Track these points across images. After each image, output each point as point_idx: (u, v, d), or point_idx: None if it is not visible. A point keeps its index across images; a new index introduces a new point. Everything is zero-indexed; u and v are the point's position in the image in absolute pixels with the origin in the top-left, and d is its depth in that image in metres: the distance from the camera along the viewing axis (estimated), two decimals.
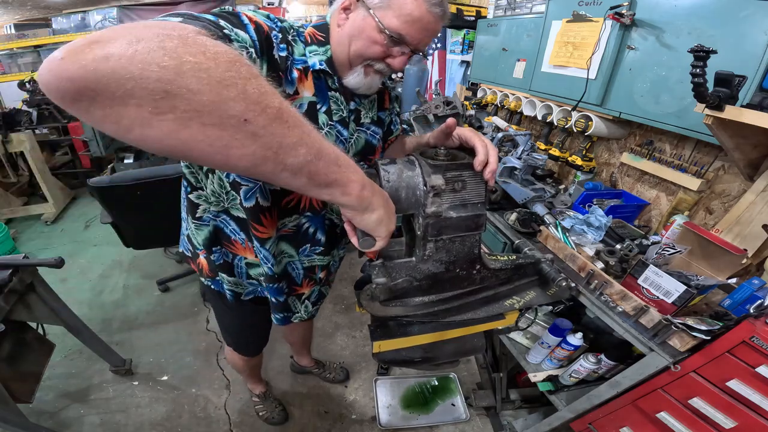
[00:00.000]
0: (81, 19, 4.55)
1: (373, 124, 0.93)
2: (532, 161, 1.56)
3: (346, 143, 0.86)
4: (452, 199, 0.67)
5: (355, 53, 0.74)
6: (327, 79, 0.79)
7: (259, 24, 0.66)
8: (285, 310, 1.08)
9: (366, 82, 0.78)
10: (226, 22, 0.60)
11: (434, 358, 0.92)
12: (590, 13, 1.47)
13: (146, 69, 0.33)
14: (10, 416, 1.30)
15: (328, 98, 0.79)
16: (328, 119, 0.80)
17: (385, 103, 0.98)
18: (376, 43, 0.72)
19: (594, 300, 1.14)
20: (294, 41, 0.73)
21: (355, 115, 0.87)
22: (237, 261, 0.99)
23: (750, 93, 1.03)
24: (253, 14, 0.68)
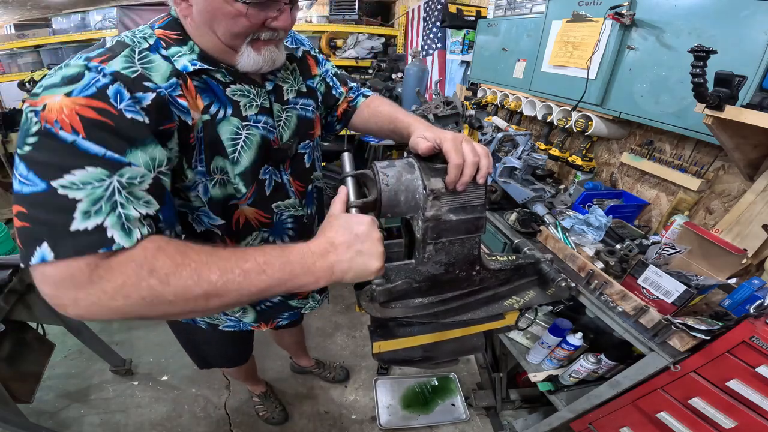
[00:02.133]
0: (81, 19, 4.55)
1: (301, 96, 0.83)
2: (532, 161, 1.56)
3: (275, 130, 0.77)
4: (452, 202, 0.67)
5: (226, 36, 0.61)
6: (215, 76, 0.66)
7: (94, 113, 0.48)
8: (288, 309, 1.06)
9: (264, 59, 0.66)
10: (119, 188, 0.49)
11: (434, 357, 0.92)
12: (590, 13, 1.47)
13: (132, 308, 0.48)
14: (10, 416, 1.30)
15: (227, 98, 0.67)
16: (240, 121, 0.69)
17: (312, 69, 0.89)
18: (239, 15, 0.58)
19: (594, 300, 1.14)
20: (149, 69, 0.56)
21: (276, 95, 0.77)
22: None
23: (750, 93, 1.03)
24: (72, 103, 0.47)
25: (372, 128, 0.99)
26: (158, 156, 0.55)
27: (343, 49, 4.30)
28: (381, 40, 4.44)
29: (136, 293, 0.46)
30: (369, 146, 2.83)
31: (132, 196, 0.51)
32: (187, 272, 0.48)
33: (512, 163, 1.60)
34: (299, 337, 1.79)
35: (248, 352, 1.38)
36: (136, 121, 0.52)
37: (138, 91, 0.53)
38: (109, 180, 0.48)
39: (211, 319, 0.98)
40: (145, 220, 0.51)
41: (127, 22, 4.32)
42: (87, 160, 0.47)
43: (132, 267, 0.47)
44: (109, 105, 0.50)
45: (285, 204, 0.84)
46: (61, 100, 0.47)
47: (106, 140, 0.49)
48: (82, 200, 0.46)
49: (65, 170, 0.46)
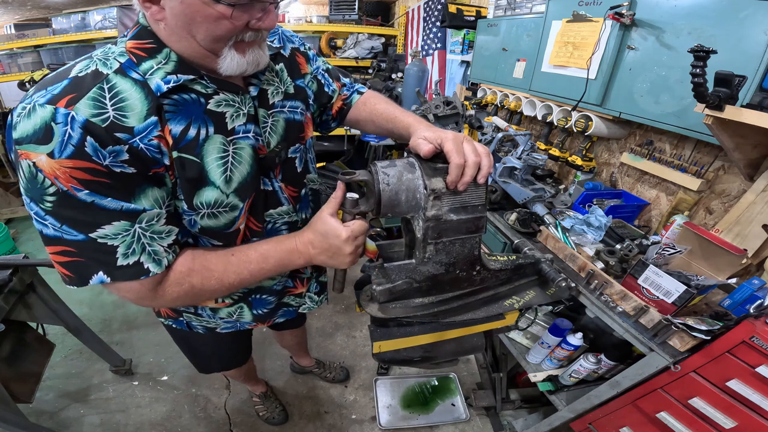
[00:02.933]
0: (81, 19, 4.55)
1: (288, 98, 0.78)
2: (532, 161, 1.56)
3: (261, 137, 0.72)
4: (452, 202, 0.67)
5: (206, 40, 0.56)
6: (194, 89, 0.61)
7: (85, 174, 0.50)
8: (284, 306, 1.06)
9: (248, 61, 0.61)
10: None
11: (434, 357, 0.92)
12: (590, 13, 1.47)
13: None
14: (10, 416, 1.30)
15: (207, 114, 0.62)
16: (225, 137, 0.64)
17: (302, 67, 0.83)
18: (221, 17, 0.53)
19: (594, 300, 1.14)
20: (121, 109, 0.53)
21: (260, 100, 0.72)
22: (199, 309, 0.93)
23: (750, 93, 1.03)
24: (59, 166, 0.49)
25: (368, 127, 0.97)
26: (159, 195, 0.60)
27: (343, 49, 4.30)
28: (381, 40, 4.44)
29: (185, 298, 0.68)
30: (369, 146, 2.83)
31: (155, 234, 0.60)
32: (214, 281, 0.68)
33: (512, 163, 1.60)
34: (301, 338, 1.79)
35: (247, 353, 1.39)
36: (126, 174, 0.54)
37: (111, 144, 0.51)
38: (133, 228, 0.57)
39: (208, 323, 0.98)
40: (170, 248, 0.63)
41: (127, 22, 4.31)
42: (110, 216, 0.55)
43: (178, 288, 0.66)
44: (95, 163, 0.51)
45: (278, 212, 0.81)
46: (48, 162, 0.49)
47: (114, 195, 0.54)
48: (119, 246, 0.57)
49: (97, 225, 0.54)
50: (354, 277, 1.33)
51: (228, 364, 1.35)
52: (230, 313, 0.95)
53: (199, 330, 1.01)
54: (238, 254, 0.69)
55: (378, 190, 0.63)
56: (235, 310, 0.95)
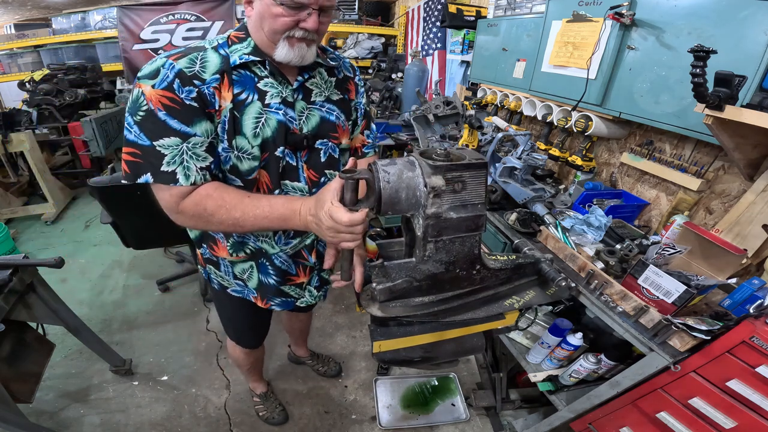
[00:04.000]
0: (81, 19, 4.55)
1: (329, 102, 0.97)
2: (532, 161, 1.56)
3: (295, 121, 0.90)
4: (452, 200, 0.67)
5: (270, 32, 0.80)
6: (253, 70, 0.85)
7: (168, 101, 0.76)
8: (283, 295, 1.12)
9: (295, 53, 0.82)
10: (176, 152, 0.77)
11: (434, 357, 0.92)
12: (590, 13, 1.47)
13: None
14: (10, 416, 1.30)
15: (256, 89, 0.85)
16: (261, 105, 0.86)
17: (351, 93, 1.04)
18: (280, 15, 0.77)
19: (594, 300, 1.14)
20: (203, 67, 0.79)
21: (303, 94, 0.92)
22: (221, 260, 1.08)
23: (750, 93, 1.03)
24: (155, 93, 0.75)
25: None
26: (209, 128, 0.81)
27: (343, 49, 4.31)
28: (381, 40, 4.44)
29: (198, 220, 0.83)
30: None
31: (195, 155, 0.80)
32: (223, 211, 0.80)
33: (512, 163, 1.60)
34: (306, 325, 1.86)
35: (259, 334, 1.43)
36: (193, 106, 0.78)
37: (188, 86, 0.77)
38: (182, 145, 0.78)
39: (222, 279, 1.12)
40: (201, 171, 0.81)
41: (127, 21, 4.32)
42: (171, 132, 0.77)
43: (194, 207, 0.81)
44: (176, 95, 0.76)
45: (293, 185, 0.95)
46: (150, 90, 0.75)
47: (180, 118, 0.77)
48: (167, 155, 0.77)
49: (160, 136, 0.76)
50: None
51: (239, 335, 1.40)
52: (243, 270, 1.07)
53: (215, 285, 1.15)
54: (253, 197, 0.82)
55: (378, 188, 0.63)
56: (248, 268, 1.07)
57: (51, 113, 3.73)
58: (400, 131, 2.87)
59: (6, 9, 4.46)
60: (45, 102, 3.67)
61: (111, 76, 4.66)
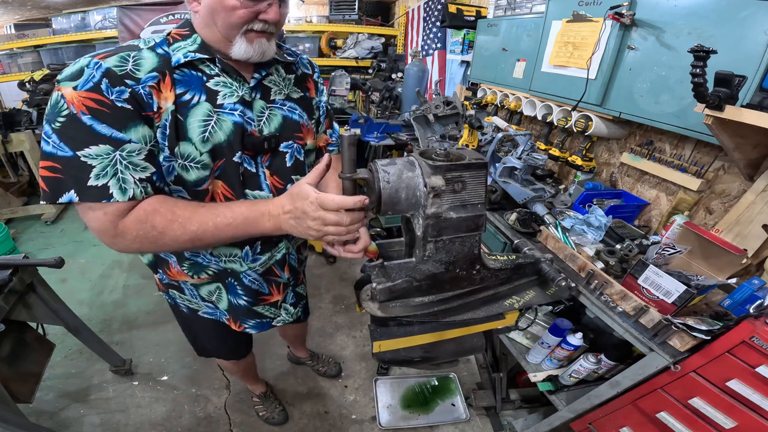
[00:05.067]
0: (81, 19, 4.55)
1: (290, 100, 0.90)
2: (532, 161, 1.56)
3: (254, 122, 0.82)
4: (452, 200, 0.67)
5: (224, 26, 0.72)
6: (201, 68, 0.77)
7: (94, 104, 0.65)
8: (256, 316, 1.05)
9: (255, 49, 0.75)
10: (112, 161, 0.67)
11: (434, 357, 0.92)
12: (590, 13, 1.47)
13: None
14: (10, 416, 1.30)
15: (205, 88, 0.76)
16: (211, 107, 0.76)
17: (310, 91, 0.98)
18: (236, 8, 0.69)
19: (594, 300, 1.14)
20: (136, 66, 0.69)
21: (261, 93, 0.84)
22: (182, 283, 0.99)
23: (750, 93, 1.03)
24: (78, 96, 0.64)
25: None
26: (147, 133, 0.71)
27: (343, 49, 4.31)
28: (381, 40, 4.44)
29: (145, 240, 0.70)
30: (369, 146, 2.84)
31: (131, 164, 0.68)
32: (176, 226, 0.70)
33: (512, 163, 1.60)
34: (301, 333, 1.87)
35: (245, 347, 1.39)
36: (125, 108, 0.67)
37: (118, 86, 0.67)
38: (114, 154, 0.67)
39: (190, 303, 1.03)
40: (140, 182, 0.70)
41: (127, 21, 4.32)
42: (99, 139, 0.65)
43: (139, 226, 0.69)
44: (103, 96, 0.66)
45: (254, 194, 0.87)
46: (71, 93, 0.64)
47: (110, 123, 0.66)
48: (95, 167, 0.65)
49: (86, 145, 0.65)
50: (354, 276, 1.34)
51: (223, 353, 1.35)
52: (210, 292, 0.99)
53: (184, 309, 1.06)
54: (208, 206, 0.73)
55: (378, 188, 0.63)
56: (214, 289, 0.99)
57: None
58: (400, 131, 2.87)
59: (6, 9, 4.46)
60: (45, 102, 3.66)
61: None
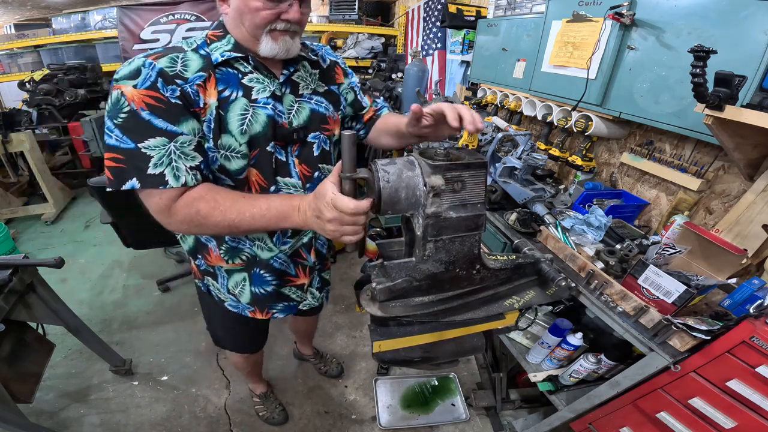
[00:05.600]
0: (81, 19, 4.55)
1: (317, 94, 0.97)
2: (532, 161, 1.56)
3: (284, 115, 0.90)
4: (452, 200, 0.67)
5: (251, 27, 0.79)
6: (237, 66, 0.84)
7: (152, 100, 0.74)
8: (283, 299, 1.11)
9: (280, 46, 0.81)
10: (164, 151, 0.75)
11: (434, 357, 0.92)
12: (590, 13, 1.47)
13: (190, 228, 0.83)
14: (10, 416, 1.30)
15: (241, 84, 0.84)
16: (248, 101, 0.84)
17: (338, 77, 1.04)
18: (259, 9, 0.76)
19: (594, 300, 1.14)
20: (184, 67, 0.78)
21: (290, 87, 0.92)
22: (217, 269, 1.06)
23: (750, 93, 1.03)
24: (138, 93, 0.73)
25: (381, 139, 1.12)
26: (196, 127, 0.80)
27: (343, 49, 4.30)
28: (381, 40, 4.44)
29: (192, 223, 0.79)
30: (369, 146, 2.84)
31: (183, 154, 0.77)
32: (217, 213, 0.77)
33: (512, 163, 1.60)
34: (312, 327, 1.88)
35: (258, 341, 1.42)
36: (177, 104, 0.76)
37: (171, 84, 0.75)
38: (169, 145, 0.75)
39: (219, 292, 1.11)
40: (190, 171, 0.78)
41: (127, 21, 4.32)
42: (156, 132, 0.74)
43: (186, 209, 0.78)
44: (160, 93, 0.74)
45: (285, 181, 0.94)
46: (131, 91, 0.73)
47: (165, 117, 0.75)
48: (153, 156, 0.74)
49: (145, 137, 0.74)
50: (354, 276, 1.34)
51: (238, 346, 1.40)
52: (236, 283, 1.06)
53: (215, 297, 1.12)
54: (248, 197, 0.79)
55: (378, 187, 0.63)
56: (240, 281, 1.05)
57: (51, 113, 3.73)
58: None
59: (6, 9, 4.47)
60: (45, 102, 3.67)
61: (111, 76, 4.61)
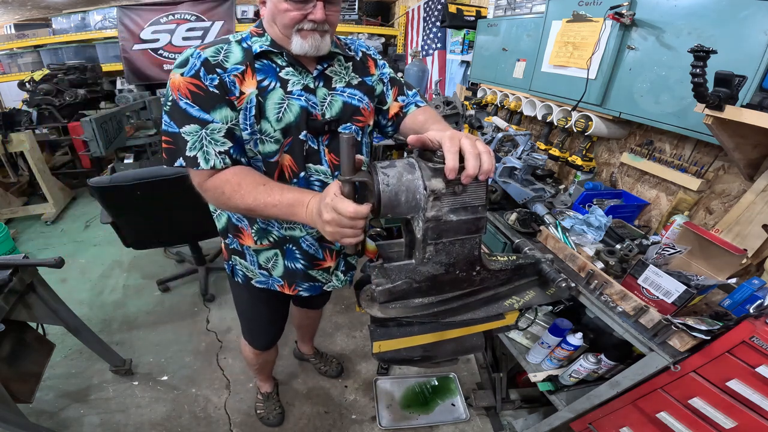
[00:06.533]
0: (81, 19, 4.55)
1: (350, 87, 1.00)
2: (532, 161, 1.56)
3: (317, 107, 0.94)
4: (452, 203, 0.66)
5: (282, 26, 0.86)
6: (274, 59, 0.90)
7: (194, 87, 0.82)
8: (310, 279, 1.15)
9: (309, 44, 0.86)
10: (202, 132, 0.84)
11: (434, 356, 0.92)
12: (590, 13, 1.47)
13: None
14: (10, 416, 1.30)
15: (278, 76, 0.90)
16: (284, 92, 0.90)
17: (370, 69, 1.06)
18: (288, 10, 0.82)
19: (594, 300, 1.14)
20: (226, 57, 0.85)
21: (324, 81, 0.96)
22: (246, 249, 1.11)
23: (750, 93, 1.03)
24: (183, 80, 0.82)
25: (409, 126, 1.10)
26: (229, 115, 0.86)
27: None
28: (381, 40, 4.44)
29: (218, 201, 0.88)
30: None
31: (213, 140, 0.85)
32: (237, 196, 0.84)
33: (512, 163, 1.60)
34: (315, 321, 1.89)
35: (272, 334, 1.44)
36: (215, 93, 0.83)
37: (212, 73, 0.83)
38: (200, 131, 0.84)
39: (247, 270, 1.16)
40: (220, 155, 0.86)
41: (127, 21, 4.32)
42: (191, 119, 0.83)
43: (214, 188, 0.87)
44: (201, 81, 0.82)
45: (316, 168, 0.98)
46: (179, 78, 0.82)
47: (200, 105, 0.83)
48: (189, 141, 0.84)
49: (184, 123, 0.83)
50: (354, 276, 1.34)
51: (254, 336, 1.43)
52: (268, 258, 1.11)
53: (239, 279, 1.19)
54: (268, 186, 0.84)
55: (378, 190, 0.63)
56: (272, 256, 1.10)
57: (51, 113, 3.73)
58: None
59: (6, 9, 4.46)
60: (45, 102, 3.67)
61: (111, 76, 4.66)
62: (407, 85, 1.15)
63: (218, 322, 2.31)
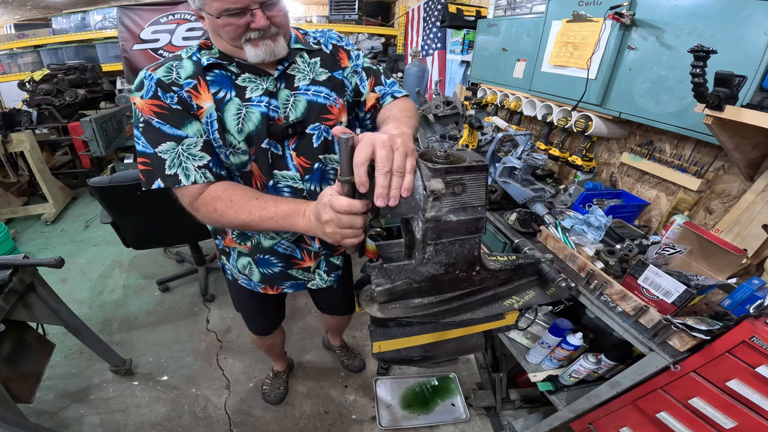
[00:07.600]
0: (81, 19, 4.55)
1: (315, 84, 0.95)
2: (532, 161, 1.56)
3: (280, 110, 0.91)
4: (452, 203, 0.66)
5: (229, 39, 0.83)
6: (227, 68, 0.88)
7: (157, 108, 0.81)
8: (291, 278, 1.18)
9: (264, 51, 0.84)
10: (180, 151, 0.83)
11: (433, 356, 0.92)
12: (590, 13, 1.47)
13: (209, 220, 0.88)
14: (10, 416, 1.30)
15: (235, 84, 0.88)
16: (241, 101, 0.88)
17: (342, 61, 1.01)
18: (227, 24, 0.79)
19: (594, 300, 1.14)
20: (179, 72, 0.84)
21: (285, 82, 0.92)
22: (231, 250, 1.14)
23: (750, 93, 1.03)
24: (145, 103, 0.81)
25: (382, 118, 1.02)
26: (200, 128, 0.85)
27: None
28: (381, 40, 4.44)
29: (211, 219, 0.86)
30: None
31: (191, 155, 0.83)
32: (231, 212, 0.82)
33: (512, 163, 1.60)
34: (343, 324, 1.90)
35: (270, 323, 1.50)
36: (178, 109, 0.82)
37: (169, 92, 0.82)
38: (177, 148, 0.83)
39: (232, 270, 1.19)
40: (198, 169, 0.84)
41: (127, 21, 4.32)
42: (165, 137, 0.82)
43: (205, 206, 0.85)
44: (162, 101, 0.81)
45: (283, 174, 0.97)
46: (140, 101, 0.82)
47: (171, 123, 0.82)
48: (167, 159, 0.82)
49: (159, 143, 0.82)
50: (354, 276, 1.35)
51: (253, 325, 1.49)
52: (244, 266, 1.13)
53: (229, 276, 1.23)
54: (261, 199, 0.82)
55: None
56: (247, 264, 1.13)
57: (51, 113, 3.73)
58: None
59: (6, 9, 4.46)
60: (45, 102, 3.67)
61: (111, 76, 4.66)
62: (385, 73, 1.08)
63: (218, 322, 2.31)
